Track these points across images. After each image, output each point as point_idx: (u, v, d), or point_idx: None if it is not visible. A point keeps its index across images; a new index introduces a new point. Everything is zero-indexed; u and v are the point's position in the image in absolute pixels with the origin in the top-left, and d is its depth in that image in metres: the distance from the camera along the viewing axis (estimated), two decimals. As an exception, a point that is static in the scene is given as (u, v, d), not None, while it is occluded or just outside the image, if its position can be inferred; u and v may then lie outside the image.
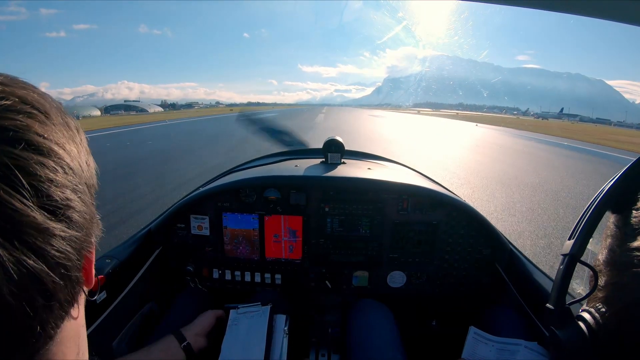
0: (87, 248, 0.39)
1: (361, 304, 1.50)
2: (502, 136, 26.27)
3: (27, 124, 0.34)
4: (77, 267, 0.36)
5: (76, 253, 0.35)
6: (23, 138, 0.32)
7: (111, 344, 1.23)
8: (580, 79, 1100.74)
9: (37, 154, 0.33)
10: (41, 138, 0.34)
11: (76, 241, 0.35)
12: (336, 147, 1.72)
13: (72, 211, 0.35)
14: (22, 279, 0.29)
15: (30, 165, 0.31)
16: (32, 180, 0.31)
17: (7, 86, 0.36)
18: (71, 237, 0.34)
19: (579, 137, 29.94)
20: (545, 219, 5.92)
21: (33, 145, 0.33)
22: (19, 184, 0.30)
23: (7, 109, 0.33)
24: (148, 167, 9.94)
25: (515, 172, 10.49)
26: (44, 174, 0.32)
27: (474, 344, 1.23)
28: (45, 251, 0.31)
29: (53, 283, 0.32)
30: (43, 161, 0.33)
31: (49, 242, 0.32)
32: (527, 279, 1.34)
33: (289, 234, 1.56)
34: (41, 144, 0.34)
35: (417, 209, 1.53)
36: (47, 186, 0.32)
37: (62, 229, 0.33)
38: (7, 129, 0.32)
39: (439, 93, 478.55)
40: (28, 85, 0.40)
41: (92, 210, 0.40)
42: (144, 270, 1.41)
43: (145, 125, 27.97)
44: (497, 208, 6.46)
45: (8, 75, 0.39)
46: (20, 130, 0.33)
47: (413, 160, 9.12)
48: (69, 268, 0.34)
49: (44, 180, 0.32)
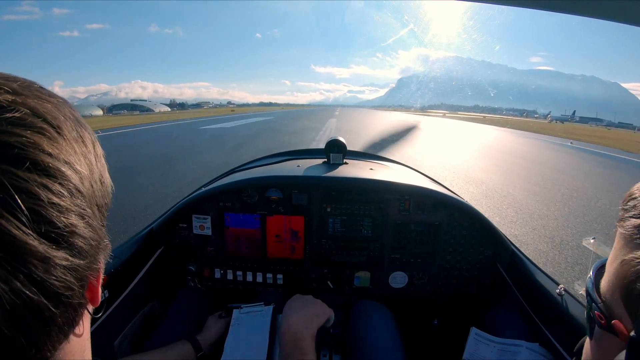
0: (93, 274, 0.37)
1: (362, 305, 1.50)
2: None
3: (34, 141, 0.31)
4: (79, 294, 0.34)
5: (78, 281, 0.33)
6: (28, 157, 0.30)
7: (113, 343, 1.24)
8: (595, 82, 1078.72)
9: (42, 176, 0.30)
10: (48, 157, 0.32)
11: (78, 269, 0.33)
12: (338, 148, 1.73)
13: (76, 238, 0.33)
14: (18, 309, 0.27)
15: (32, 189, 0.29)
16: (34, 204, 0.29)
17: (20, 95, 0.33)
18: (74, 265, 0.32)
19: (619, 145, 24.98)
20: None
21: (39, 165, 0.30)
22: (18, 209, 0.28)
23: (14, 122, 0.31)
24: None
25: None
26: (47, 198, 0.30)
27: (475, 344, 1.23)
28: (44, 281, 0.29)
29: (51, 312, 0.30)
30: (47, 184, 0.30)
31: (48, 271, 0.29)
32: (528, 280, 1.33)
33: (290, 234, 1.56)
34: (48, 165, 0.31)
35: (419, 209, 1.53)
36: (49, 212, 0.30)
37: (64, 257, 0.31)
38: (12, 146, 0.29)
39: (454, 95, 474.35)
40: (43, 92, 0.37)
41: (99, 235, 0.38)
42: (146, 269, 1.42)
43: (137, 127, 25.97)
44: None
45: (25, 81, 0.36)
46: (26, 149, 0.30)
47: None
48: (70, 296, 0.32)
49: (47, 205, 0.30)
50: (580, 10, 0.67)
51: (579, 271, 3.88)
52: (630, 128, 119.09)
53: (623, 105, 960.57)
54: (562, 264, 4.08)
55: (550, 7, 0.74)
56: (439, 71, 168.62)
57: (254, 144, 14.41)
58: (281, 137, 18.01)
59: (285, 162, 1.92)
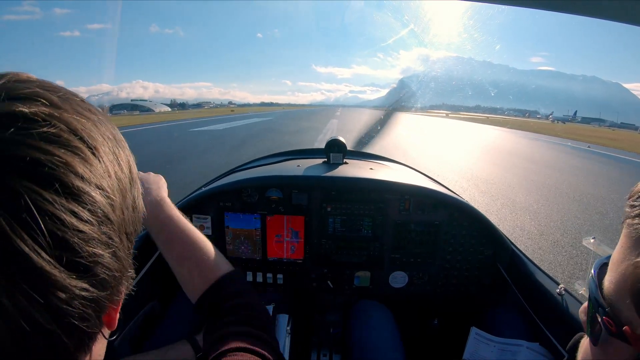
0: (113, 305, 0.36)
1: (362, 305, 1.50)
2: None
3: (67, 161, 0.29)
4: (95, 324, 0.32)
5: (97, 312, 0.32)
6: (58, 178, 0.28)
7: (113, 343, 1.24)
8: (596, 82, 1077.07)
9: (70, 200, 0.29)
10: (80, 180, 0.30)
11: (99, 301, 0.31)
12: (338, 147, 1.72)
13: (99, 268, 0.31)
14: (27, 335, 0.26)
15: (57, 213, 0.27)
16: (57, 230, 0.27)
17: (58, 109, 0.31)
18: (94, 297, 0.30)
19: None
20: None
21: (68, 188, 0.29)
22: (40, 232, 0.26)
23: (48, 138, 0.29)
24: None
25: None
26: (71, 225, 0.28)
27: (475, 344, 1.23)
28: (59, 310, 0.28)
29: (63, 342, 0.29)
30: (75, 209, 0.29)
31: (65, 301, 0.28)
32: (528, 279, 1.33)
33: (291, 234, 1.56)
34: (78, 188, 0.29)
35: (419, 209, 1.53)
36: (73, 239, 0.28)
37: (84, 287, 0.29)
38: (42, 165, 0.28)
39: (455, 95, 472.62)
40: (84, 107, 0.35)
41: (124, 265, 0.36)
42: (146, 269, 1.41)
43: (130, 128, 24.74)
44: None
45: (65, 93, 0.34)
46: (56, 169, 0.28)
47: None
48: (86, 327, 0.31)
49: (71, 231, 0.28)
50: (582, 10, 0.66)
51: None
52: (633, 129, 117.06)
53: (624, 105, 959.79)
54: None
55: (551, 7, 0.74)
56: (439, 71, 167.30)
57: (245, 151, 12.49)
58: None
59: (285, 162, 1.91)
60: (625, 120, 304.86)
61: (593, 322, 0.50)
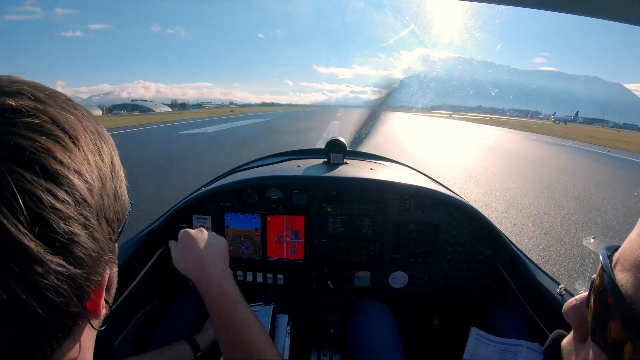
0: (90, 286, 0.36)
1: (362, 305, 1.50)
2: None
3: (47, 147, 0.32)
4: (75, 303, 0.34)
5: (72, 290, 0.33)
6: (38, 162, 0.31)
7: (113, 343, 1.23)
8: (598, 82, 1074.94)
9: (49, 181, 0.31)
10: (58, 164, 0.32)
11: (75, 278, 0.33)
12: (338, 148, 1.73)
13: (76, 246, 0.33)
14: (4, 305, 0.28)
15: (36, 192, 0.29)
16: (35, 207, 0.29)
17: (43, 103, 0.34)
18: (69, 273, 0.32)
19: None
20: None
21: (47, 171, 0.31)
22: (18, 208, 0.28)
23: (31, 127, 0.32)
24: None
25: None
26: (49, 203, 0.30)
27: (475, 344, 1.23)
28: (35, 283, 0.29)
29: (40, 316, 0.30)
30: (52, 189, 0.31)
31: (41, 274, 0.29)
32: (529, 279, 1.33)
33: (291, 234, 1.56)
34: (56, 171, 0.32)
35: (419, 209, 1.53)
36: (50, 216, 0.30)
37: (59, 263, 0.31)
38: (24, 149, 0.30)
39: (456, 95, 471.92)
40: (69, 104, 0.38)
41: (102, 248, 0.37)
42: (146, 270, 1.41)
43: (122, 130, 22.95)
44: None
45: (52, 92, 0.37)
46: (37, 153, 0.31)
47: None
48: (64, 304, 0.32)
49: (48, 209, 0.30)
50: (583, 10, 0.66)
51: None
52: (636, 129, 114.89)
53: (626, 105, 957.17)
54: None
55: (552, 7, 0.73)
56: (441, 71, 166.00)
57: (228, 159, 10.22)
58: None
59: (285, 162, 1.92)
60: (627, 121, 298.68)
61: (602, 323, 0.40)
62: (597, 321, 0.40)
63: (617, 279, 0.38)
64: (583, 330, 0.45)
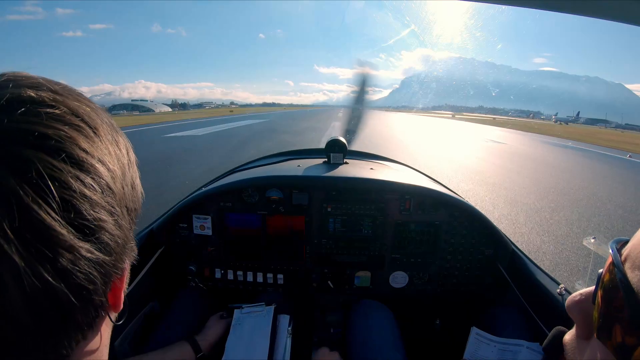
0: (117, 274, 0.38)
1: (362, 305, 1.50)
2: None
3: (72, 136, 0.33)
4: (101, 292, 0.34)
5: (102, 277, 0.34)
6: (65, 150, 0.31)
7: (113, 343, 1.23)
8: (599, 82, 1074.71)
9: (76, 169, 0.31)
10: (84, 153, 0.33)
11: (104, 265, 0.33)
12: (339, 148, 1.73)
13: (103, 233, 0.33)
14: (38, 294, 0.28)
15: (65, 179, 0.30)
16: (65, 194, 0.30)
17: (61, 95, 0.35)
18: (98, 259, 0.32)
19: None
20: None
21: (73, 159, 0.32)
22: (50, 195, 0.29)
23: (54, 118, 0.32)
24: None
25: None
26: (79, 190, 0.31)
27: (475, 344, 1.22)
28: (66, 270, 0.30)
29: (70, 304, 0.31)
30: (81, 176, 0.31)
31: (72, 261, 0.30)
32: (529, 279, 1.33)
33: (291, 234, 1.57)
34: (82, 159, 0.32)
35: (419, 209, 1.52)
36: (80, 203, 0.31)
37: (89, 249, 0.31)
38: (50, 138, 0.31)
39: (457, 95, 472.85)
40: (83, 97, 0.39)
41: (127, 235, 0.39)
42: (146, 270, 1.41)
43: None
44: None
45: (66, 86, 0.38)
46: (63, 142, 0.31)
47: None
48: (91, 292, 0.33)
49: (78, 196, 0.31)
50: (584, 11, 0.66)
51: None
52: (638, 130, 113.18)
53: (627, 106, 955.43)
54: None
55: (553, 7, 0.73)
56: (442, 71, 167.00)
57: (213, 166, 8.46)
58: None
59: (285, 162, 1.92)
60: (629, 122, 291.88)
61: (610, 321, 0.37)
62: (604, 318, 0.37)
63: (628, 277, 0.36)
64: (587, 327, 0.43)
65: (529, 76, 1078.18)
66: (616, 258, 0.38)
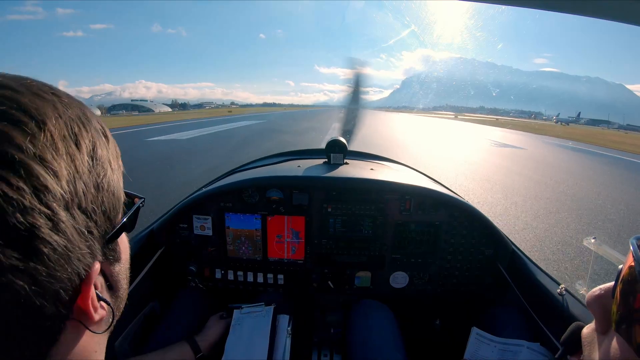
0: (70, 285, 0.33)
1: (363, 305, 1.50)
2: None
3: (7, 132, 0.30)
4: (51, 306, 0.31)
5: (46, 290, 0.31)
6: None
7: (113, 343, 1.23)
8: (600, 83, 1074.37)
9: (4, 168, 0.29)
10: (16, 150, 0.30)
11: (36, 277, 0.30)
12: (339, 148, 1.73)
13: (36, 240, 0.29)
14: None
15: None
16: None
17: (16, 92, 0.33)
18: (28, 270, 0.29)
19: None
20: None
21: (3, 157, 0.29)
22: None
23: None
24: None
25: None
26: (2, 192, 0.28)
27: (476, 344, 1.22)
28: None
29: (15, 317, 0.29)
30: (8, 177, 0.28)
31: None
32: (529, 279, 1.33)
33: (291, 234, 1.56)
34: (15, 158, 0.29)
35: (419, 209, 1.52)
36: (4, 206, 0.28)
37: (15, 257, 0.28)
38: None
39: (458, 96, 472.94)
40: (45, 91, 0.36)
41: (73, 241, 0.34)
42: (147, 270, 1.41)
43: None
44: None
45: (31, 82, 0.36)
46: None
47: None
48: (39, 305, 0.30)
49: (1, 198, 0.28)
50: (584, 11, 0.66)
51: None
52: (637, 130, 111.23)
53: (628, 107, 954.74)
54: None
55: (553, 7, 0.73)
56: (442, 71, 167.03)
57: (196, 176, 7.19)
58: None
59: (285, 162, 1.92)
60: (631, 122, 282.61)
61: (629, 312, 0.38)
62: (622, 312, 0.38)
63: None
64: (606, 321, 0.44)
65: (529, 76, 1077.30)
66: (636, 254, 0.38)
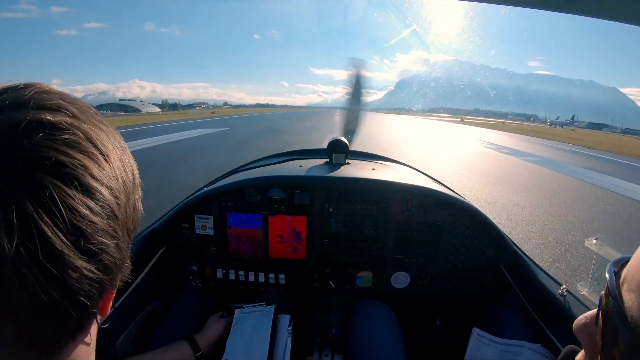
0: (111, 289, 0.41)
1: (364, 305, 1.50)
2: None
3: (85, 164, 0.35)
4: (95, 304, 0.37)
5: (98, 293, 0.37)
6: (77, 177, 0.34)
7: (115, 343, 1.23)
8: (594, 86, 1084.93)
9: (86, 196, 0.34)
10: (94, 181, 0.35)
11: (102, 283, 0.36)
12: (341, 148, 1.72)
13: (105, 255, 0.36)
14: (42, 307, 0.31)
15: (76, 205, 0.33)
16: (74, 219, 0.32)
17: (79, 120, 0.37)
18: (98, 279, 0.35)
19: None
20: None
21: (84, 186, 0.34)
22: (62, 220, 0.31)
23: (70, 144, 0.35)
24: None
25: None
26: (86, 216, 0.34)
27: (477, 345, 1.23)
28: (71, 288, 0.33)
29: (69, 316, 0.34)
30: (89, 204, 0.34)
31: (76, 280, 0.33)
32: (530, 280, 1.33)
33: (293, 234, 1.56)
34: (92, 188, 0.35)
35: (421, 209, 1.53)
36: (87, 228, 0.34)
37: (91, 270, 0.34)
38: (65, 166, 0.33)
39: (452, 98, 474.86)
40: (97, 119, 0.41)
41: (124, 256, 0.41)
42: (148, 269, 1.41)
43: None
44: None
45: (83, 106, 0.40)
46: (76, 169, 0.34)
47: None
48: (88, 305, 0.36)
49: (85, 221, 0.33)
50: (580, 10, 0.66)
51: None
52: (637, 135, 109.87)
53: (622, 110, 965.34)
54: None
55: (549, 6, 0.74)
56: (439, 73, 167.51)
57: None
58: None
59: (287, 162, 1.92)
60: (628, 126, 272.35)
61: (611, 339, 0.37)
62: (605, 342, 0.38)
63: (624, 299, 0.36)
64: (593, 350, 0.43)
65: (524, 79, 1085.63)
66: (611, 284, 0.37)
